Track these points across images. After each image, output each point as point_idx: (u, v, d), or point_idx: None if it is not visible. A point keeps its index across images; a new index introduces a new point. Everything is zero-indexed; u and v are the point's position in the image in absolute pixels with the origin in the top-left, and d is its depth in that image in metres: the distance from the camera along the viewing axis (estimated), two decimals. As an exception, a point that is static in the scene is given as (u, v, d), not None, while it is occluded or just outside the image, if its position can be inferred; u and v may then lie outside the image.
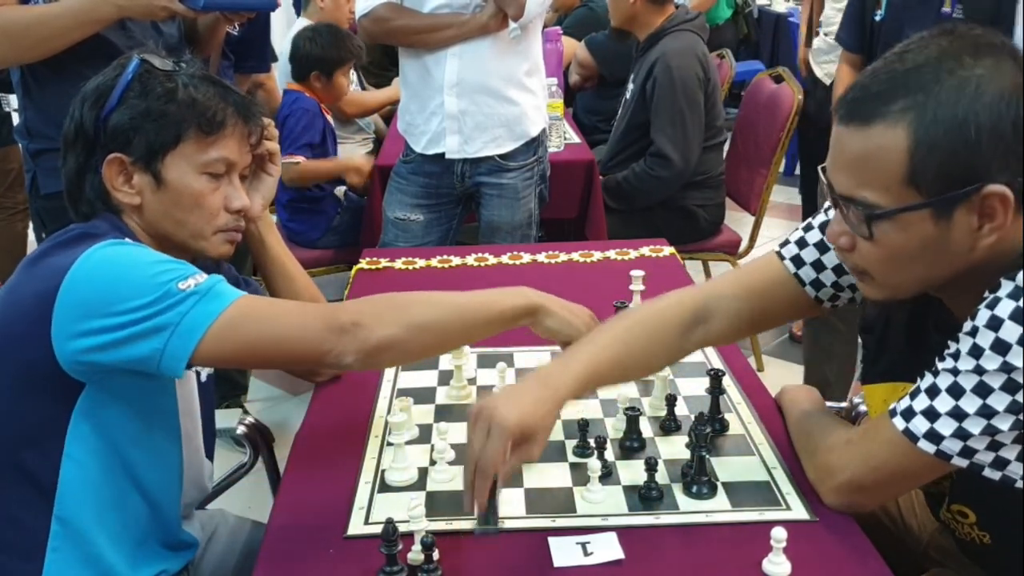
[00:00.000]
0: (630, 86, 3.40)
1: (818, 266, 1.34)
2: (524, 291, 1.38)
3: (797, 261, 1.35)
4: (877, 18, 2.56)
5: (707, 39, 3.38)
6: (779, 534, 1.10)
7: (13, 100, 4.06)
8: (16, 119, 4.08)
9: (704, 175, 3.34)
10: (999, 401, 1.05)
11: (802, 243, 1.35)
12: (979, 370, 1.06)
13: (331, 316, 1.23)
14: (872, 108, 1.06)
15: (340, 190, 3.49)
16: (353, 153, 3.85)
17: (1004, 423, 1.05)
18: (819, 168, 1.16)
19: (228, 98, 1.33)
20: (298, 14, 4.51)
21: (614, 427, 1.44)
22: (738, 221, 3.59)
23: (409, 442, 1.38)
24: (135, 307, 1.14)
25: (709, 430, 1.31)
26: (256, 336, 1.20)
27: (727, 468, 1.33)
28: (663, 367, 1.43)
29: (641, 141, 3.32)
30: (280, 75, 3.80)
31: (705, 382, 1.47)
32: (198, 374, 1.44)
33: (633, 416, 1.39)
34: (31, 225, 4.51)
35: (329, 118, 3.53)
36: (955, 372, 1.08)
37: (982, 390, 1.06)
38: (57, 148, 1.36)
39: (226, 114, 1.31)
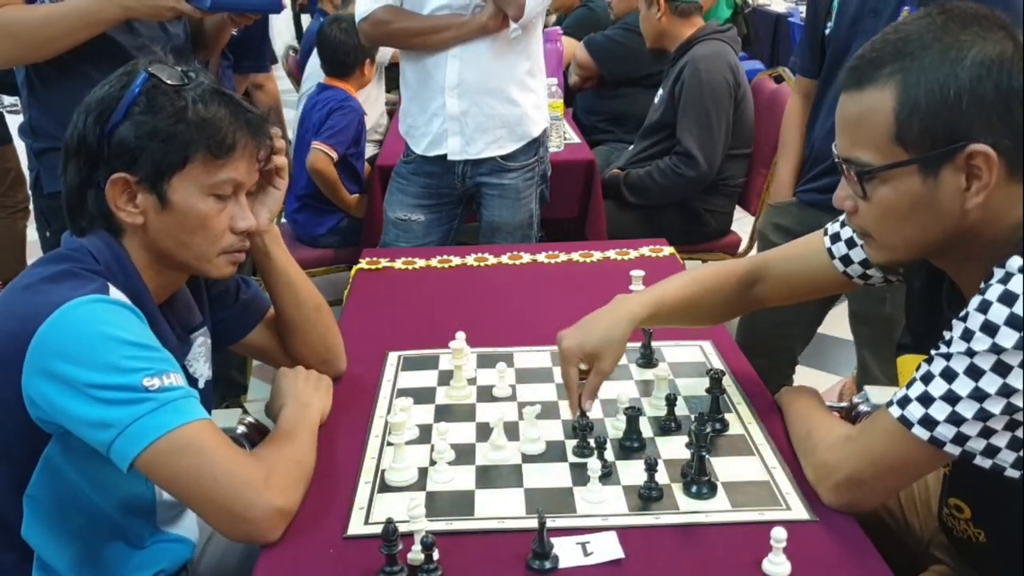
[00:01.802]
0: (660, 92, 3.41)
1: (851, 243, 1.43)
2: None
3: (834, 237, 1.46)
4: (827, 31, 2.40)
5: (739, 51, 3.39)
6: (779, 534, 1.10)
7: (6, 99, 4.06)
8: (9, 119, 4.10)
9: (723, 182, 3.34)
10: (990, 383, 1.07)
11: (844, 222, 1.42)
12: (970, 352, 1.08)
13: (264, 481, 1.17)
14: (866, 73, 1.14)
15: (355, 197, 3.54)
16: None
17: (995, 406, 1.07)
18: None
19: (239, 118, 1.28)
20: (311, 13, 4.53)
21: (614, 427, 1.44)
22: (738, 221, 3.59)
23: (409, 442, 1.38)
24: (96, 384, 1.12)
25: (709, 430, 1.31)
26: (187, 473, 1.14)
27: (727, 468, 1.33)
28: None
29: (665, 142, 3.31)
30: (310, 71, 3.89)
31: (705, 382, 1.47)
32: (195, 382, 1.43)
33: (633, 416, 1.39)
34: (33, 224, 4.50)
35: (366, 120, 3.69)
36: (948, 357, 1.11)
37: (973, 372, 1.08)
38: (60, 148, 1.34)
39: (236, 136, 1.27)
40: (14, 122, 4.11)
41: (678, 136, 3.24)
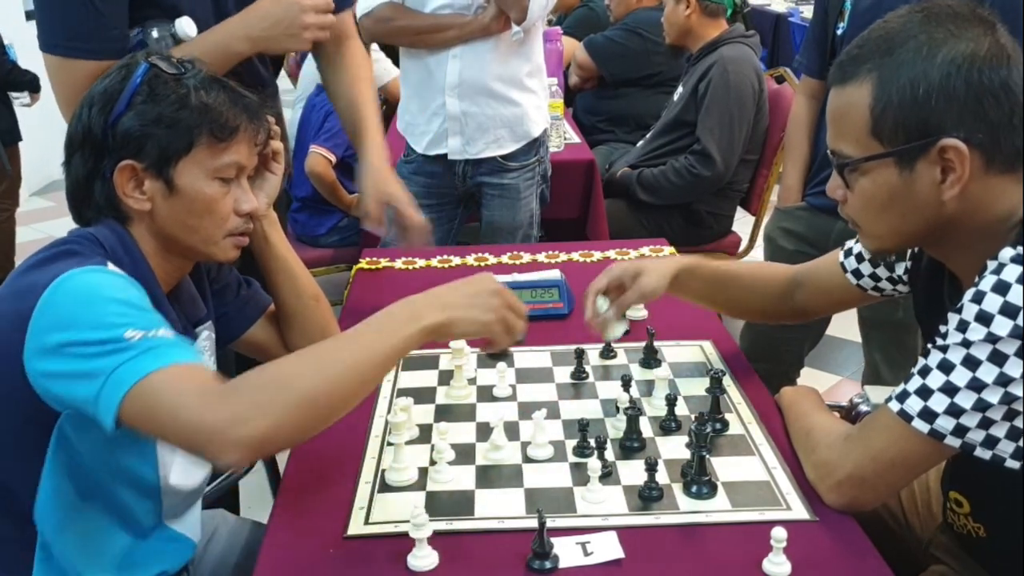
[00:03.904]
0: (679, 89, 3.39)
1: (860, 257, 1.48)
2: (417, 310, 1.21)
3: (848, 252, 1.51)
4: (839, 31, 2.29)
5: (759, 56, 3.38)
6: (779, 534, 1.10)
7: (13, 94, 4.08)
8: (19, 112, 4.12)
9: (728, 186, 3.34)
10: (987, 373, 1.08)
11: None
12: (966, 343, 1.09)
13: (211, 413, 1.08)
14: (848, 69, 1.19)
15: (354, 197, 3.54)
16: None
17: (993, 396, 1.08)
18: None
19: (239, 102, 1.32)
20: None
21: (614, 427, 1.44)
22: (738, 221, 3.59)
23: (409, 442, 1.38)
24: (85, 340, 1.11)
25: (709, 430, 1.31)
26: (156, 413, 1.10)
27: (727, 468, 1.33)
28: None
29: (683, 140, 3.31)
30: (304, 73, 3.88)
31: (705, 382, 1.47)
32: None
33: (633, 416, 1.39)
34: (25, 225, 4.51)
35: None
36: (944, 349, 1.12)
37: (970, 363, 1.09)
38: None
39: (238, 120, 1.30)
40: (24, 118, 4.14)
41: (698, 134, 3.23)
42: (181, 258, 1.35)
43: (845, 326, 2.98)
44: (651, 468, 1.26)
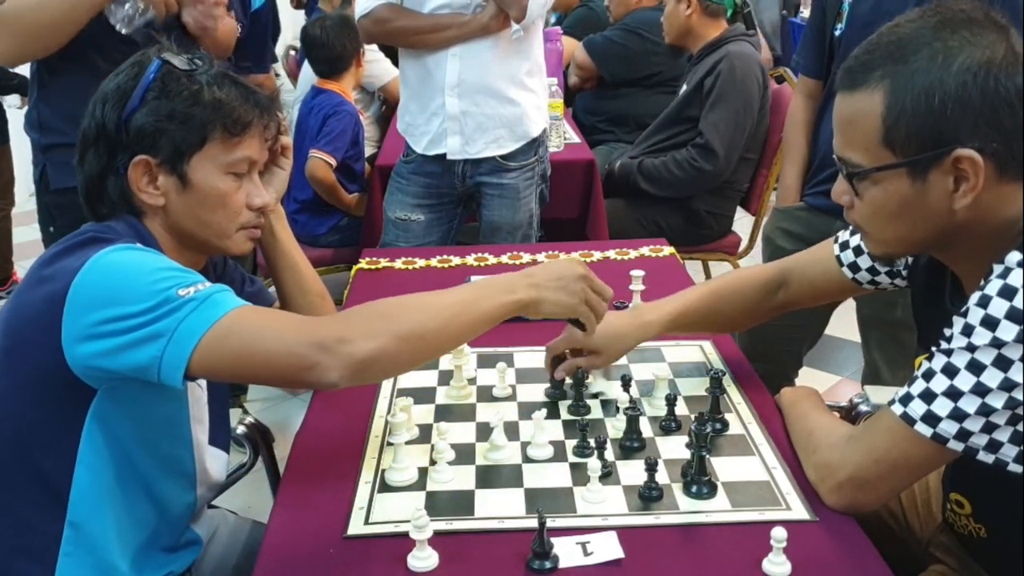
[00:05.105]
0: (684, 87, 3.39)
1: (858, 251, 1.47)
2: (512, 284, 1.31)
3: (843, 245, 1.50)
4: (837, 32, 2.27)
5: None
6: (779, 534, 1.10)
7: (6, 99, 4.10)
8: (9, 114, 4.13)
9: (728, 184, 3.34)
10: (992, 378, 1.07)
11: (854, 231, 1.45)
12: (970, 347, 1.09)
13: (314, 331, 1.16)
14: (858, 76, 1.16)
15: (355, 197, 3.55)
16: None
17: (998, 401, 1.07)
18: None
19: (250, 98, 1.34)
20: (309, 12, 4.54)
21: (614, 427, 1.44)
22: (738, 221, 3.60)
23: (409, 442, 1.38)
24: (135, 312, 1.14)
25: (709, 430, 1.31)
26: (242, 349, 1.15)
27: (727, 468, 1.33)
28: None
29: (680, 136, 3.31)
30: (303, 76, 3.90)
31: (705, 382, 1.48)
32: None
33: (633, 416, 1.39)
34: (23, 224, 4.52)
35: (363, 121, 3.71)
36: (949, 352, 1.11)
37: (975, 367, 1.09)
38: (70, 143, 1.36)
39: (249, 115, 1.32)
40: (13, 120, 4.15)
41: (701, 128, 3.23)
42: (195, 252, 1.37)
43: (845, 326, 2.97)
44: (651, 468, 1.26)
